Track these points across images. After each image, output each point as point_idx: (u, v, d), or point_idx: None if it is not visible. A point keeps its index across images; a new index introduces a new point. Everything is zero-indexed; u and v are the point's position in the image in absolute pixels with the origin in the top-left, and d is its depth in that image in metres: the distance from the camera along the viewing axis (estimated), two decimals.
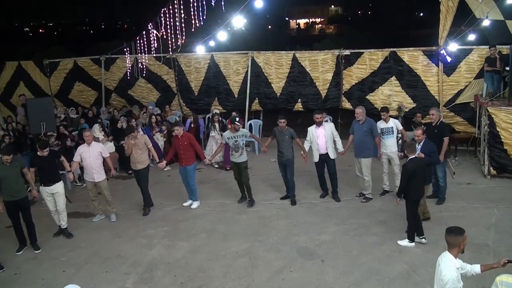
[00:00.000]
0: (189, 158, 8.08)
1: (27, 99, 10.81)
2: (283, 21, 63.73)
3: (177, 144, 8.04)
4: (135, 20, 54.64)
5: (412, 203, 6.39)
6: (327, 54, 12.15)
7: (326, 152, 8.12)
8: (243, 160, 8.13)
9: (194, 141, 8.14)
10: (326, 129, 8.11)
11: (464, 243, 3.74)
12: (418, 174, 6.26)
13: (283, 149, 8.15)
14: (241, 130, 8.15)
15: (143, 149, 7.99)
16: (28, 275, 6.21)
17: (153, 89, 13.75)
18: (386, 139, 8.21)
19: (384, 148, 8.25)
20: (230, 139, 8.09)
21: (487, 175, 9.20)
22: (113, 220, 7.89)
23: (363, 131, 8.10)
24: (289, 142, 8.14)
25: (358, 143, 8.17)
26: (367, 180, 8.20)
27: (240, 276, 5.91)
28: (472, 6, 10.43)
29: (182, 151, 8.01)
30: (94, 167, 7.61)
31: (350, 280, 5.69)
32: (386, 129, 8.22)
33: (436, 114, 7.97)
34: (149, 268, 6.21)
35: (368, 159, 8.14)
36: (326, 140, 8.07)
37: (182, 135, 8.00)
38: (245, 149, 8.18)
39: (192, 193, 8.35)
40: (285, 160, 8.19)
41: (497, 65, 9.70)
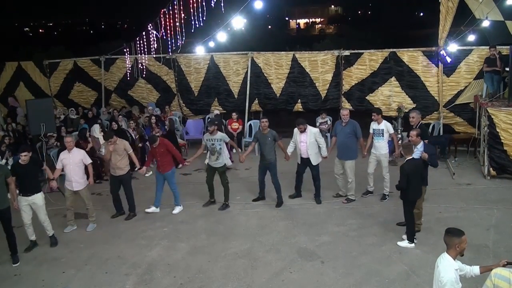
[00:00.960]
0: (166, 165, 7.99)
1: (27, 100, 10.78)
2: (283, 21, 63.71)
3: (154, 151, 7.96)
4: (135, 20, 54.66)
5: (409, 203, 6.40)
6: (327, 54, 12.16)
7: (308, 157, 8.13)
8: (219, 165, 8.08)
9: (171, 147, 8.03)
10: (309, 136, 8.05)
11: (462, 246, 3.73)
12: (415, 175, 6.25)
13: (265, 152, 8.11)
14: (219, 134, 8.04)
15: (122, 155, 7.81)
16: (28, 276, 6.20)
17: (153, 89, 13.76)
18: (377, 141, 8.19)
19: (374, 149, 8.24)
20: (208, 141, 8.05)
21: (487, 176, 9.20)
22: (89, 229, 7.55)
23: (346, 133, 8.08)
24: (272, 145, 8.10)
25: (341, 145, 8.16)
26: (351, 181, 8.19)
27: (240, 277, 5.91)
28: (472, 7, 10.43)
29: (159, 157, 7.92)
30: (74, 175, 7.31)
31: (350, 281, 5.69)
32: (377, 130, 8.19)
33: (416, 116, 7.93)
34: (148, 269, 6.21)
35: (352, 161, 8.13)
36: (307, 147, 8.06)
37: (158, 144, 7.90)
38: (222, 154, 8.09)
39: (175, 198, 8.22)
40: (267, 163, 8.14)
41: (497, 64, 9.71)
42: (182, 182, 8.51)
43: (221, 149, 8.04)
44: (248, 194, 8.86)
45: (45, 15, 75.13)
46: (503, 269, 3.65)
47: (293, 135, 8.33)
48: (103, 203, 8.73)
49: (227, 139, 8.22)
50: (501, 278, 3.61)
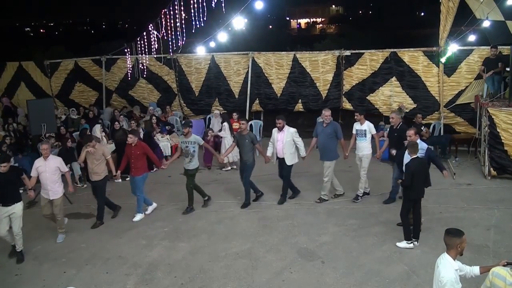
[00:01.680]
0: (139, 168, 7.82)
1: (28, 100, 10.81)
2: (284, 21, 63.69)
3: (129, 152, 7.80)
4: (135, 20, 54.71)
5: (409, 201, 6.39)
6: (328, 54, 12.16)
7: (283, 157, 8.15)
8: (191, 168, 7.99)
9: (148, 149, 7.94)
10: (286, 135, 8.09)
11: (462, 246, 3.74)
12: (419, 174, 6.26)
13: (243, 153, 8.13)
14: (193, 137, 7.94)
15: (100, 160, 7.63)
16: (29, 276, 6.21)
17: (153, 89, 13.77)
18: (360, 141, 8.19)
19: (357, 150, 8.26)
20: (182, 143, 7.99)
21: (488, 176, 9.20)
22: (59, 241, 7.19)
23: (327, 133, 8.08)
24: (250, 146, 8.11)
25: (322, 146, 8.17)
26: (326, 181, 8.20)
27: (240, 277, 5.92)
28: (473, 7, 10.42)
29: (134, 160, 7.76)
30: (50, 183, 6.96)
31: (350, 281, 5.69)
32: (360, 131, 8.20)
33: (396, 117, 7.99)
34: (149, 269, 6.22)
35: (332, 162, 8.13)
36: (283, 146, 8.08)
37: (135, 144, 7.77)
38: (195, 157, 8.00)
39: (138, 205, 8.01)
40: (244, 164, 8.19)
41: (497, 65, 9.71)
42: (183, 183, 8.49)
43: (195, 151, 7.94)
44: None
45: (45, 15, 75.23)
46: (502, 268, 3.66)
47: (271, 135, 8.38)
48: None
49: (201, 142, 8.14)
50: (498, 277, 3.63)
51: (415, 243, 6.43)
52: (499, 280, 3.61)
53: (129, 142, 7.81)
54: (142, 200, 8.02)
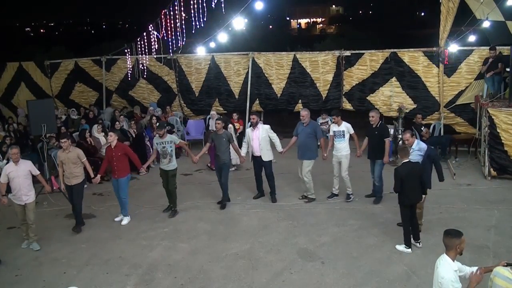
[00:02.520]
0: (122, 170, 7.64)
1: (28, 100, 10.80)
2: (284, 21, 63.75)
3: (110, 154, 7.61)
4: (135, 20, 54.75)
5: (403, 207, 6.30)
6: (328, 55, 12.16)
7: (260, 155, 8.18)
8: (172, 168, 7.90)
9: (129, 151, 7.81)
10: (261, 132, 8.15)
11: (461, 246, 3.74)
12: (410, 178, 6.14)
13: (219, 152, 8.10)
14: (169, 136, 7.93)
15: (76, 163, 7.38)
16: (29, 276, 6.22)
17: (154, 90, 13.77)
18: (338, 142, 8.21)
19: (335, 151, 8.27)
20: (158, 144, 7.84)
21: (488, 176, 9.20)
22: (36, 248, 6.94)
23: (307, 133, 8.11)
24: (226, 146, 8.10)
25: (301, 145, 8.19)
26: (307, 181, 8.23)
27: (240, 277, 5.92)
28: (473, 7, 10.43)
29: (115, 162, 7.58)
30: (23, 188, 6.76)
31: (350, 282, 5.69)
32: (338, 132, 8.21)
33: (376, 116, 8.02)
34: (149, 269, 6.22)
35: (310, 161, 8.16)
36: (259, 142, 8.12)
37: (116, 145, 7.61)
38: (174, 157, 7.93)
39: (123, 207, 7.87)
40: (221, 164, 8.16)
41: (497, 66, 9.72)
42: (183, 183, 8.51)
43: (172, 151, 7.86)
44: (249, 194, 8.87)
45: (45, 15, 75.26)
46: (504, 268, 3.66)
47: (245, 135, 8.40)
48: (104, 203, 8.75)
49: (177, 141, 8.10)
50: (499, 276, 3.63)
51: (417, 244, 6.40)
52: (501, 279, 3.61)
53: (109, 140, 7.66)
54: (127, 203, 7.89)
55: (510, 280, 3.56)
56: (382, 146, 7.90)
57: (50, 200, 8.69)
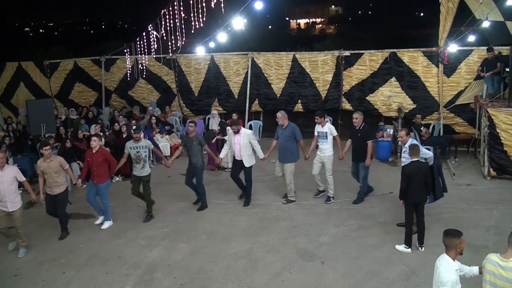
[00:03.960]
0: (102, 176, 7.45)
1: (28, 100, 10.80)
2: (284, 21, 63.79)
3: (91, 159, 7.41)
4: (135, 20, 54.74)
5: (407, 206, 6.34)
6: (327, 55, 12.17)
7: (241, 159, 8.16)
8: (145, 174, 7.70)
9: (110, 157, 7.60)
10: (243, 137, 8.10)
11: (461, 246, 3.74)
12: (416, 177, 6.16)
13: (192, 156, 8.04)
14: (144, 141, 7.73)
15: (58, 171, 7.08)
16: (28, 276, 6.21)
17: (153, 90, 13.77)
18: (321, 143, 8.21)
19: (319, 151, 8.27)
20: (132, 149, 7.60)
21: (487, 176, 9.20)
22: (21, 255, 6.78)
23: (285, 136, 8.09)
24: (198, 149, 8.03)
25: (281, 148, 8.18)
26: (288, 183, 8.21)
27: (240, 277, 5.91)
28: (472, 7, 10.43)
29: (95, 167, 7.39)
30: (8, 194, 6.54)
31: (350, 282, 5.69)
32: (321, 133, 8.21)
33: (359, 117, 8.00)
34: (149, 269, 6.22)
35: (292, 164, 8.15)
36: (240, 148, 8.09)
37: (97, 151, 7.40)
38: (147, 162, 7.76)
39: (105, 212, 7.72)
40: (193, 167, 8.09)
41: (496, 66, 9.72)
42: (182, 183, 8.49)
43: (146, 156, 7.68)
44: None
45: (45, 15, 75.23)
46: (493, 254, 3.72)
47: (227, 137, 8.34)
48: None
49: (152, 146, 7.92)
50: (489, 261, 3.69)
51: (420, 249, 6.37)
52: (490, 264, 3.67)
53: (92, 145, 7.38)
54: (109, 207, 7.71)
55: (498, 264, 3.60)
56: (365, 148, 7.91)
57: None
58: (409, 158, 6.38)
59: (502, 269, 3.55)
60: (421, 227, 6.40)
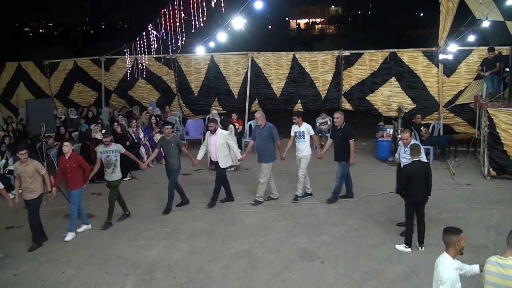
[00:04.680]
0: (76, 182, 7.16)
1: (27, 100, 10.77)
2: (283, 21, 63.80)
3: (64, 165, 7.10)
4: (135, 20, 54.74)
5: (407, 205, 6.34)
6: (327, 55, 12.17)
7: (217, 160, 8.13)
8: (115, 178, 7.55)
9: (83, 162, 7.30)
10: (219, 138, 8.07)
11: (460, 244, 3.74)
12: (418, 177, 6.16)
13: (169, 158, 7.96)
14: (114, 145, 7.53)
15: (34, 176, 6.85)
16: (28, 276, 6.20)
17: (153, 89, 13.77)
18: (298, 143, 8.22)
19: (296, 151, 8.28)
20: (102, 153, 7.46)
21: (487, 176, 9.20)
22: None
23: (263, 136, 8.09)
24: (176, 151, 7.97)
25: (259, 148, 8.18)
26: (262, 182, 8.18)
27: (240, 277, 5.91)
28: (472, 7, 10.43)
29: (70, 174, 7.09)
30: None
31: (350, 282, 5.69)
32: (298, 133, 8.22)
33: (341, 117, 8.00)
34: (148, 269, 6.21)
35: (268, 164, 8.14)
36: (216, 149, 8.05)
37: (70, 156, 7.11)
38: (118, 166, 7.57)
39: (70, 221, 7.28)
40: (170, 169, 8.03)
41: (496, 65, 9.72)
42: (182, 183, 8.48)
43: (117, 160, 7.52)
44: (248, 194, 8.85)
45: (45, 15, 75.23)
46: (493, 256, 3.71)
47: (204, 138, 8.33)
48: (103, 203, 8.72)
49: (123, 150, 7.64)
50: (489, 262, 3.69)
51: (420, 248, 6.37)
52: (490, 265, 3.66)
53: (64, 151, 7.09)
54: (76, 216, 7.29)
55: (497, 263, 3.60)
56: (346, 147, 7.92)
57: (50, 199, 8.66)
58: (410, 158, 6.39)
59: (501, 267, 3.56)
60: (421, 227, 6.39)
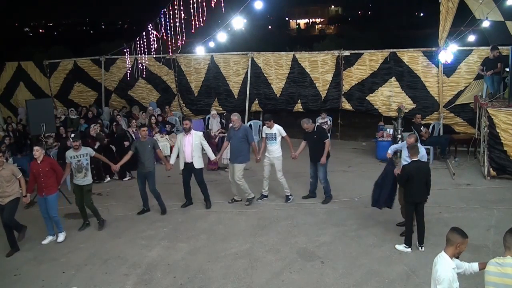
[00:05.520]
0: (50, 186, 6.95)
1: (27, 100, 10.79)
2: (283, 21, 63.81)
3: (37, 170, 6.87)
4: (135, 20, 54.73)
5: (407, 204, 6.34)
6: (327, 55, 12.16)
7: (192, 161, 8.04)
8: (87, 182, 7.34)
9: (56, 166, 7.12)
10: (194, 138, 8.01)
11: (461, 247, 3.73)
12: (417, 176, 6.16)
13: (144, 160, 7.82)
14: (84, 148, 7.36)
15: (11, 180, 6.70)
16: (27, 276, 6.20)
17: (153, 89, 13.77)
18: (270, 144, 8.23)
19: (268, 153, 8.29)
20: (73, 158, 7.22)
21: (487, 176, 9.20)
22: None
23: (238, 137, 8.09)
24: (151, 153, 7.88)
25: (233, 149, 8.18)
26: (241, 184, 8.18)
27: (240, 277, 5.90)
28: (472, 7, 10.42)
29: (43, 178, 6.87)
30: None
31: (350, 282, 5.69)
32: (269, 135, 8.22)
33: (310, 126, 8.08)
34: (148, 269, 6.21)
35: (242, 165, 8.16)
36: (192, 149, 7.99)
37: (42, 160, 6.91)
38: (89, 170, 7.41)
39: (57, 225, 7.19)
40: (146, 172, 7.90)
41: (497, 66, 9.71)
42: (181, 183, 8.48)
43: (88, 164, 7.34)
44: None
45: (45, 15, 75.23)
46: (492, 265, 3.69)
47: (176, 140, 8.30)
48: (103, 203, 8.74)
49: (93, 153, 7.53)
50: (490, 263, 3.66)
51: (419, 248, 6.36)
52: (491, 265, 3.64)
53: (34, 155, 6.89)
54: (60, 219, 7.23)
55: (497, 263, 3.60)
56: (323, 148, 7.95)
57: None
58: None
59: (500, 266, 3.57)
60: (421, 227, 6.39)
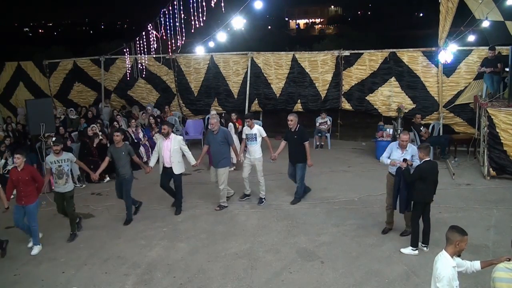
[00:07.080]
0: (30, 195, 6.70)
1: (27, 99, 10.77)
2: (283, 22, 63.80)
3: (16, 178, 6.63)
4: (134, 20, 54.74)
5: (419, 205, 6.25)
6: (327, 54, 12.17)
7: (171, 166, 7.90)
8: (69, 189, 7.11)
9: (36, 174, 6.88)
10: (173, 143, 7.84)
11: (461, 245, 3.74)
12: (430, 176, 6.14)
13: (119, 167, 7.60)
14: (65, 154, 7.14)
15: None
16: (27, 276, 6.20)
17: (152, 89, 13.76)
18: (250, 145, 8.19)
19: (248, 154, 8.25)
20: (53, 163, 6.99)
21: (487, 176, 9.20)
22: None
23: (218, 141, 7.96)
24: (127, 159, 7.63)
25: (214, 153, 8.06)
26: (222, 188, 8.10)
27: (240, 277, 5.90)
28: (472, 7, 10.42)
29: (22, 187, 6.62)
30: None
31: (350, 282, 5.68)
32: (250, 135, 8.17)
33: (294, 119, 7.94)
34: (148, 269, 6.21)
35: (225, 168, 8.05)
36: (170, 154, 7.84)
37: (23, 168, 6.66)
38: (70, 177, 7.25)
39: (33, 236, 6.87)
40: (121, 178, 7.68)
41: (497, 65, 9.71)
42: (182, 182, 8.47)
43: (69, 170, 7.15)
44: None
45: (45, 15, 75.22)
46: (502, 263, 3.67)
47: (156, 144, 8.21)
48: (103, 203, 8.74)
49: (74, 159, 7.34)
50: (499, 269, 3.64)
51: (424, 248, 6.32)
52: (499, 271, 3.63)
53: (15, 163, 6.68)
54: (37, 230, 6.90)
55: (507, 269, 3.59)
56: (302, 149, 7.90)
57: (49, 199, 8.66)
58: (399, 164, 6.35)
59: (511, 272, 3.55)
60: (427, 226, 6.36)
